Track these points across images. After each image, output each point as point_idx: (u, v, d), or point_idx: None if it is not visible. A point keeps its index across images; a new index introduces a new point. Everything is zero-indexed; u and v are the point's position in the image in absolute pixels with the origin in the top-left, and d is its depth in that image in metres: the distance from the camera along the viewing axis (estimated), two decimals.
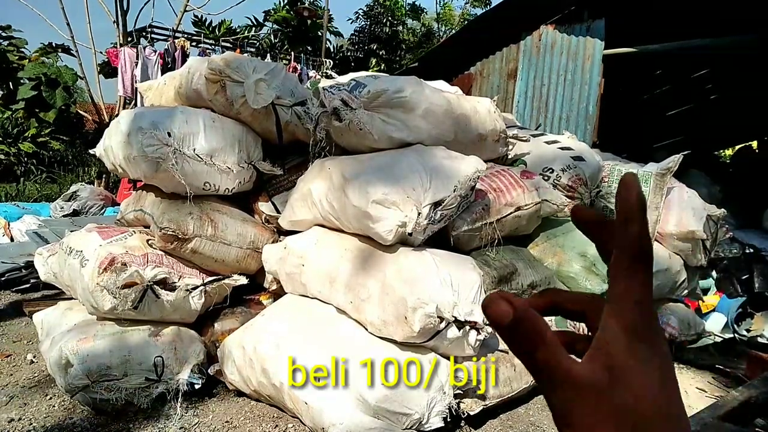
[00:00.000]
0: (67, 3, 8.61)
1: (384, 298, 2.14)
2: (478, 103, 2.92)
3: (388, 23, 13.35)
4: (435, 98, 2.65)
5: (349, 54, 13.24)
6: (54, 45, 9.50)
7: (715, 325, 3.86)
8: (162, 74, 5.26)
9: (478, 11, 14.41)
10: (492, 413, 2.37)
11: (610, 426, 0.28)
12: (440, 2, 15.87)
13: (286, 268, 2.57)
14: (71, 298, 2.76)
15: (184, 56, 6.68)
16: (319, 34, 9.77)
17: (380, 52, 13.05)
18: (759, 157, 8.24)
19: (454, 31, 12.00)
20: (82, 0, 8.85)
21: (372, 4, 13.38)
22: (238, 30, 10.37)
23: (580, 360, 0.30)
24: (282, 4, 10.74)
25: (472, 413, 2.21)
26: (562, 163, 3.30)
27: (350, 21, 13.99)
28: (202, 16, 9.93)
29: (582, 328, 2.03)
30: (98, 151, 2.95)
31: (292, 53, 8.11)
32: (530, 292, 2.59)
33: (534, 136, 3.58)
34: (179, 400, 2.32)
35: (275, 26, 10.85)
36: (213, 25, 9.93)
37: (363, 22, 13.62)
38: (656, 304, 3.49)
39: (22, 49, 9.69)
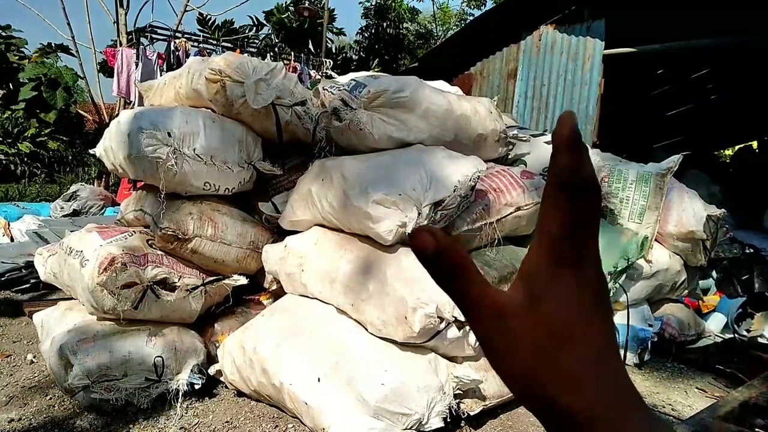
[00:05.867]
0: (67, 3, 8.61)
1: (384, 299, 2.14)
2: (478, 103, 2.92)
3: (392, 24, 13.32)
4: (435, 98, 2.65)
5: (351, 55, 13.22)
6: (53, 45, 9.49)
7: (715, 325, 3.86)
8: (162, 74, 5.26)
9: (476, 12, 14.40)
10: (492, 413, 2.37)
11: (526, 347, 0.29)
12: (437, 3, 15.87)
13: (286, 268, 2.57)
14: (71, 298, 2.76)
15: (187, 56, 6.67)
16: (320, 31, 9.76)
17: (384, 54, 13.02)
18: (759, 157, 8.24)
19: (451, 32, 11.98)
20: (82, 0, 8.84)
21: (379, 4, 13.33)
22: (240, 29, 10.35)
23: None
24: (285, 5, 10.74)
25: (472, 413, 2.21)
26: None
27: (362, 15, 13.85)
28: (206, 15, 9.92)
29: None
30: (98, 151, 2.95)
31: (293, 53, 8.10)
32: None
33: (534, 136, 3.58)
34: (179, 400, 2.33)
35: (275, 28, 10.84)
36: (216, 24, 9.92)
37: (370, 21, 13.57)
38: (656, 304, 3.49)
39: (22, 49, 9.68)
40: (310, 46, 10.78)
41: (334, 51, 12.36)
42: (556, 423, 0.29)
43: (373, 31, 13.40)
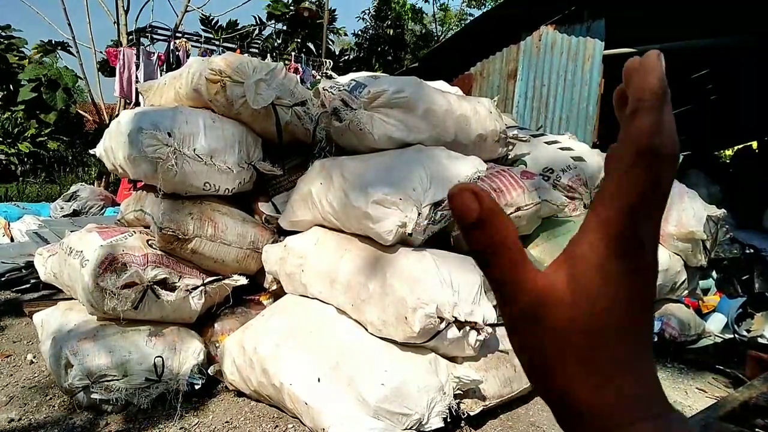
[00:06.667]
0: (67, 2, 8.60)
1: (384, 299, 2.15)
2: (478, 104, 2.92)
3: (392, 25, 13.32)
4: (435, 98, 2.65)
5: (352, 55, 13.22)
6: (53, 42, 9.48)
7: (715, 325, 3.86)
8: (162, 74, 5.26)
9: (476, 12, 14.42)
10: (492, 413, 2.37)
11: (560, 340, 0.26)
12: (438, 3, 15.87)
13: (286, 268, 2.57)
14: (71, 298, 2.76)
15: (188, 57, 6.67)
16: (320, 30, 9.76)
17: (386, 55, 13.02)
18: (759, 158, 8.24)
19: (452, 32, 11.99)
20: (82, 0, 8.84)
21: (378, 6, 13.34)
22: (243, 28, 10.32)
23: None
24: (285, 4, 10.73)
25: (472, 413, 2.21)
26: (563, 164, 3.30)
27: (358, 19, 13.86)
28: (210, 15, 9.90)
29: None
30: (98, 151, 2.95)
31: (293, 54, 8.10)
32: None
33: (534, 136, 3.58)
34: (179, 400, 2.33)
35: (277, 24, 10.83)
36: (220, 25, 9.91)
37: (368, 23, 13.59)
38: (656, 304, 3.49)
39: (22, 49, 9.68)
40: (310, 45, 10.78)
41: (336, 53, 12.36)
42: (576, 421, 0.26)
43: (372, 32, 13.40)
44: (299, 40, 10.43)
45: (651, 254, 0.25)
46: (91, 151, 3.17)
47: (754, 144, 9.36)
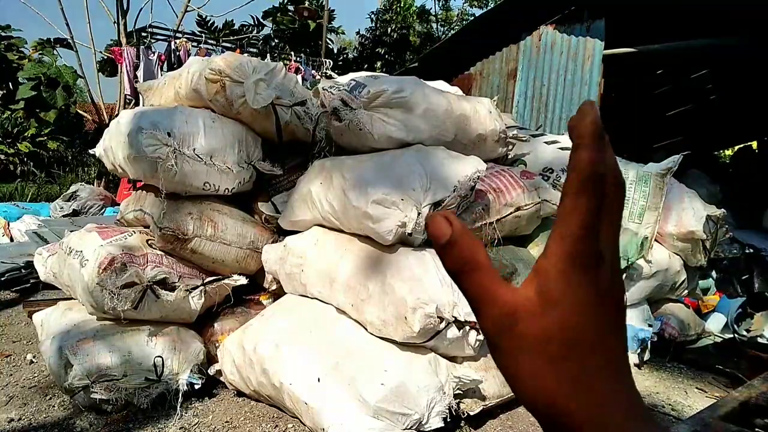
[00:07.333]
0: (67, 3, 8.61)
1: (384, 299, 2.15)
2: (478, 103, 2.92)
3: (396, 28, 13.30)
4: (435, 98, 2.65)
5: (354, 56, 13.22)
6: (51, 40, 9.47)
7: (715, 325, 3.86)
8: (162, 74, 5.26)
9: (477, 12, 14.44)
10: (492, 413, 2.37)
11: (533, 352, 0.28)
12: (440, 3, 15.87)
13: (285, 268, 2.57)
14: (71, 298, 2.76)
15: (188, 57, 6.67)
16: (321, 34, 9.77)
17: (387, 56, 13.02)
18: (759, 157, 8.24)
19: (453, 32, 11.99)
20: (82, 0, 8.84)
21: (382, 8, 13.35)
22: (240, 29, 10.33)
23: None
24: (283, 4, 10.73)
25: (472, 413, 2.21)
26: (562, 164, 3.30)
27: (367, 18, 13.81)
28: (205, 16, 9.92)
29: None
30: (98, 151, 2.95)
31: (293, 53, 8.10)
32: None
33: (534, 136, 3.58)
34: (179, 400, 2.33)
35: (276, 27, 10.83)
36: (216, 26, 9.92)
37: (372, 24, 13.58)
38: (656, 304, 3.49)
39: (22, 49, 9.68)
40: (311, 46, 10.78)
41: (335, 52, 12.36)
42: (560, 429, 0.28)
43: (377, 33, 13.38)
44: (301, 50, 10.46)
45: (612, 269, 0.28)
46: (90, 151, 3.17)
47: (754, 144, 9.37)
